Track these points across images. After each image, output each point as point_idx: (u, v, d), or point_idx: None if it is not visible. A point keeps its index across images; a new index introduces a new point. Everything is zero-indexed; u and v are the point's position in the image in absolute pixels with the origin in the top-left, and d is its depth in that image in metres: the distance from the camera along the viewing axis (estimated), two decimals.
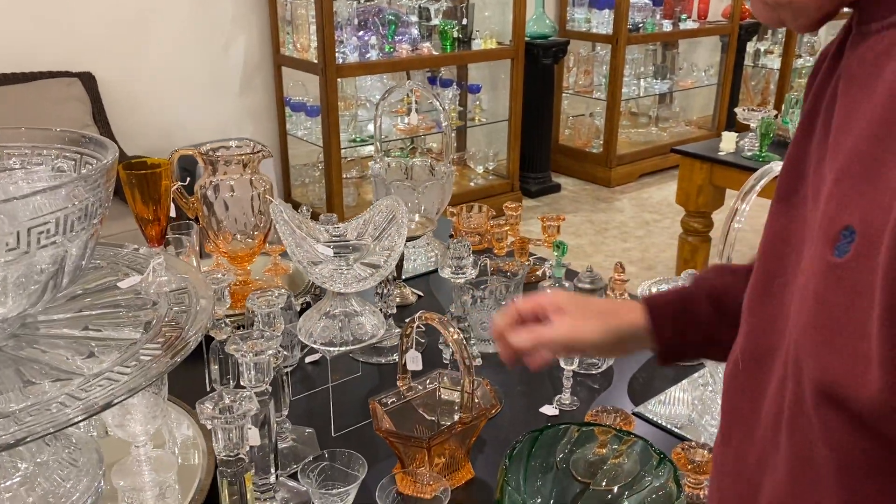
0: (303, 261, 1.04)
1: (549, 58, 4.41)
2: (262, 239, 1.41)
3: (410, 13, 3.97)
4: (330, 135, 3.59)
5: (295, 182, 4.07)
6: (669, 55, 5.27)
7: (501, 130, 4.40)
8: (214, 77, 3.62)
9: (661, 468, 0.88)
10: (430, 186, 1.62)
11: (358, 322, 1.11)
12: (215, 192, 1.33)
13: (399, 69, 3.90)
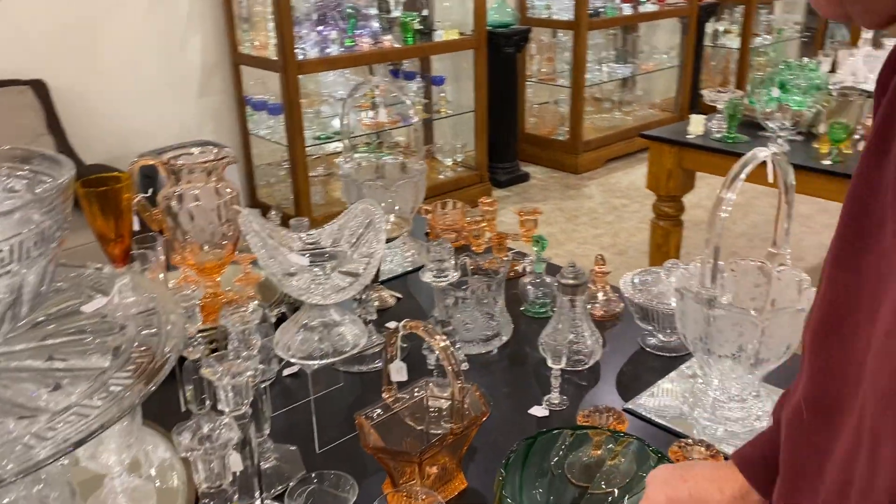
0: (277, 273, 0.99)
1: (511, 46, 4.38)
2: (232, 248, 1.35)
3: (370, 6, 3.90)
4: (294, 133, 3.52)
5: (260, 182, 3.99)
6: (630, 39, 5.27)
7: (468, 121, 4.36)
8: (171, 79, 3.52)
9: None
10: (403, 185, 1.57)
11: (338, 332, 1.07)
12: (179, 203, 1.27)
13: (361, 63, 3.84)
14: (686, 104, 5.38)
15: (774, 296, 1.17)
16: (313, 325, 1.06)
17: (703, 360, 1.16)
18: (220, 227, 1.30)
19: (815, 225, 3.94)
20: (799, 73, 2.62)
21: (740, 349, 1.09)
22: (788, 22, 6.28)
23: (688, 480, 0.79)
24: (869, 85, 2.67)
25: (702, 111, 3.82)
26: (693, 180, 2.91)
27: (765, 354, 1.09)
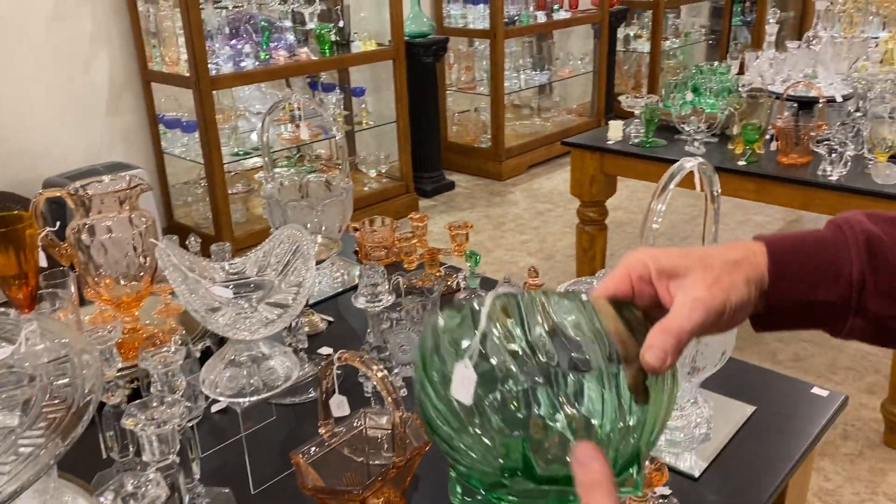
0: (199, 309, 0.93)
1: (429, 56, 4.37)
2: (150, 280, 1.28)
3: (284, 18, 3.83)
4: (210, 150, 3.41)
5: (177, 202, 3.86)
6: (546, 46, 5.34)
7: (390, 132, 4.32)
8: (78, 99, 3.37)
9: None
10: (330, 204, 1.53)
11: (268, 367, 1.02)
12: (91, 235, 1.20)
13: (278, 77, 3.76)
14: (602, 108, 5.48)
15: None
16: (241, 360, 1.01)
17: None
18: (136, 258, 1.23)
19: (731, 222, 4.07)
20: (710, 77, 2.69)
21: None
22: (695, 25, 6.49)
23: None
24: (776, 86, 2.76)
25: (617, 115, 3.89)
26: (615, 184, 2.95)
27: (701, 362, 1.10)
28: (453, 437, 0.55)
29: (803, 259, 0.61)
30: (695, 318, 0.57)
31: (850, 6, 2.74)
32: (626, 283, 0.62)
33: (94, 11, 3.36)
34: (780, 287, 0.61)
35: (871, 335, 0.62)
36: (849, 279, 0.60)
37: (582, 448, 0.50)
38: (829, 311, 0.61)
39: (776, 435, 1.16)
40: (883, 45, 2.72)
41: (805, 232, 0.63)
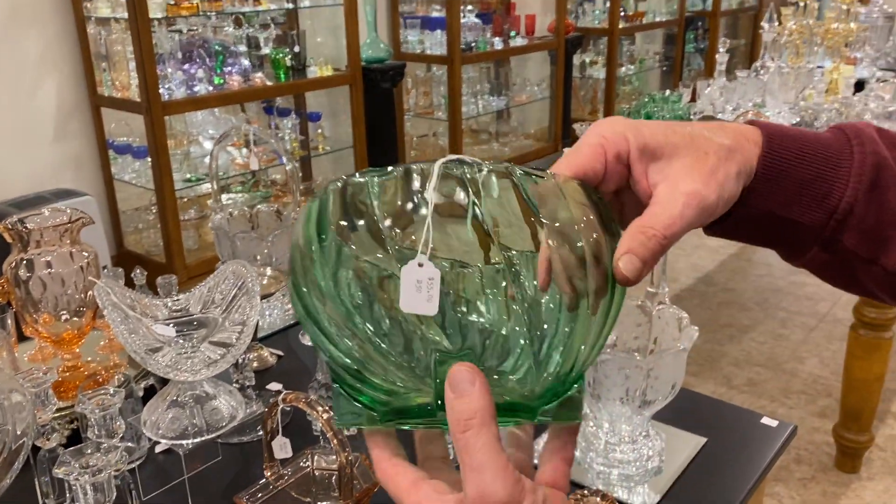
0: (139, 350, 0.90)
1: (387, 81, 4.37)
2: (92, 316, 1.24)
3: (238, 43, 3.80)
4: (162, 176, 3.35)
5: (127, 229, 3.78)
6: (503, 72, 5.39)
7: (347, 157, 4.31)
8: (24, 124, 3.29)
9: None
10: (280, 235, 1.50)
11: (212, 406, 0.99)
12: (29, 270, 1.16)
13: (232, 102, 3.72)
14: (559, 134, 5.54)
15: (656, 334, 1.18)
16: (184, 400, 0.98)
17: (593, 405, 1.16)
18: (77, 294, 1.19)
19: (687, 247, 4.12)
20: (663, 105, 2.74)
21: (627, 392, 1.09)
22: (649, 52, 6.62)
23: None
24: (726, 115, 2.82)
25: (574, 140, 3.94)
26: None
27: (651, 396, 1.10)
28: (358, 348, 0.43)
29: (796, 165, 0.50)
30: (687, 216, 0.46)
31: (796, 37, 2.82)
32: (599, 160, 0.48)
33: (42, 34, 3.29)
34: (761, 191, 0.50)
35: (828, 270, 0.54)
36: (834, 205, 0.49)
37: (457, 369, 0.41)
38: (796, 232, 0.51)
39: (728, 466, 1.16)
40: (828, 75, 2.80)
41: (809, 134, 0.52)
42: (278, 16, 4.03)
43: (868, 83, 2.85)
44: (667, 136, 0.49)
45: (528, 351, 0.42)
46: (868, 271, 0.51)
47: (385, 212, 0.42)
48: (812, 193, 0.50)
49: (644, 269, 0.45)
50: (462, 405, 0.40)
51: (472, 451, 0.39)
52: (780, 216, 0.50)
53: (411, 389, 0.43)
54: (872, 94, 2.56)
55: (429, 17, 4.77)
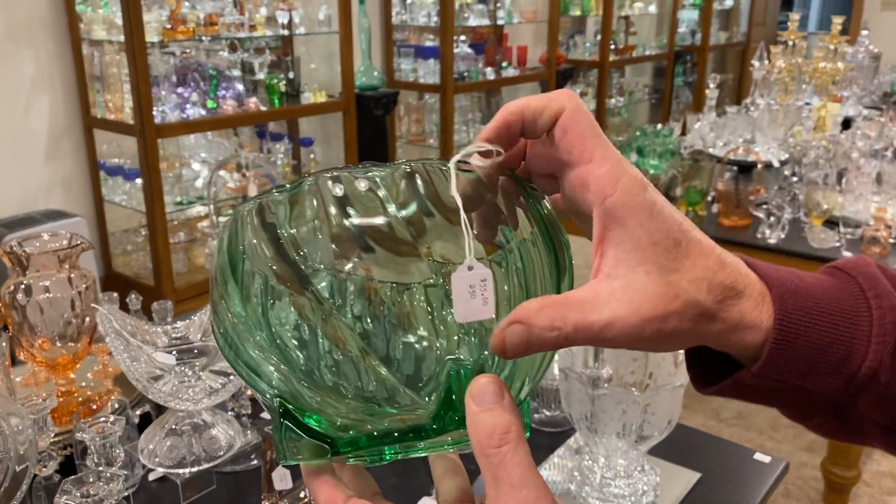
0: (141, 378, 0.90)
1: (380, 108, 4.40)
2: (88, 341, 1.24)
3: (233, 67, 3.82)
4: (153, 199, 3.35)
5: (115, 251, 3.76)
6: (494, 101, 5.44)
7: None
8: (15, 144, 3.28)
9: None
10: None
11: (210, 435, 0.98)
12: (27, 295, 1.15)
13: (225, 126, 3.73)
14: None
15: (652, 369, 1.19)
16: (182, 428, 0.98)
17: (589, 438, 1.16)
18: (75, 319, 1.18)
19: None
20: (654, 139, 2.78)
21: (624, 427, 1.10)
22: (638, 84, 6.70)
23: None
24: (717, 150, 2.86)
25: None
26: None
27: (648, 431, 1.10)
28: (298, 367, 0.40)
29: (812, 329, 0.43)
30: (605, 335, 0.39)
31: (785, 75, 2.87)
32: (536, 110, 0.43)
33: (37, 55, 3.30)
34: (775, 361, 0.43)
35: (836, 434, 0.48)
36: (853, 371, 0.43)
37: (480, 382, 0.38)
38: (809, 399, 0.45)
39: (721, 502, 1.17)
40: (816, 113, 2.85)
41: (817, 286, 0.44)
42: (273, 41, 4.06)
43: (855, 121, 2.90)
44: (653, 224, 0.40)
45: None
46: (878, 436, 0.46)
47: (295, 234, 0.39)
48: (827, 360, 0.43)
49: (526, 350, 0.39)
50: (494, 419, 0.37)
51: (510, 466, 0.37)
52: (793, 385, 0.44)
53: (370, 415, 0.41)
54: (859, 132, 2.60)
55: (422, 47, 4.82)
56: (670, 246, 0.41)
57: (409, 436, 0.42)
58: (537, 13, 5.30)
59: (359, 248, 0.39)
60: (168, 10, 3.40)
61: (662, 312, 0.40)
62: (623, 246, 0.40)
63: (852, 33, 5.46)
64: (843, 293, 0.44)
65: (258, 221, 0.40)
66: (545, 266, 0.42)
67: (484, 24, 5.08)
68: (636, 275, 0.40)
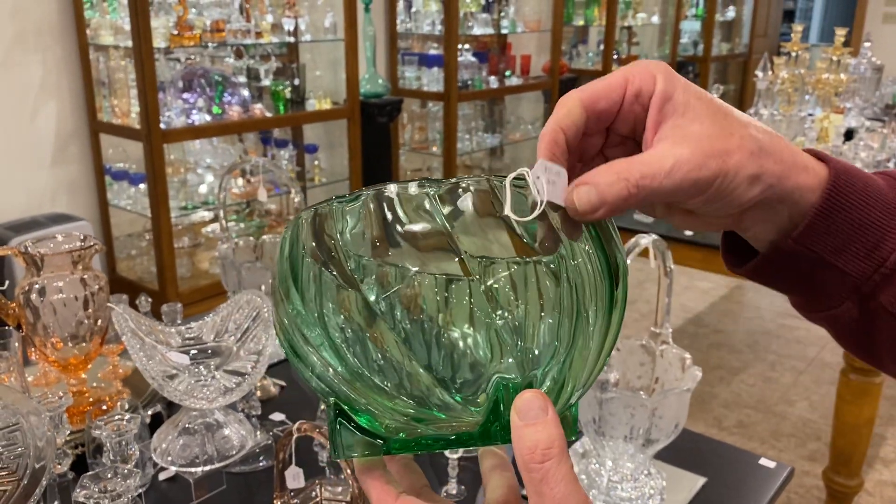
0: (157, 376, 0.91)
1: (384, 116, 4.43)
2: (100, 342, 1.25)
3: (238, 73, 3.84)
4: (158, 204, 3.36)
5: (120, 255, 3.77)
6: (497, 110, 5.46)
7: (342, 189, 4.34)
8: (22, 149, 3.30)
9: None
10: None
11: (223, 435, 0.99)
12: (40, 296, 1.16)
13: (231, 132, 3.75)
14: None
15: (659, 374, 1.20)
16: (195, 427, 0.99)
17: (597, 441, 1.17)
18: (87, 320, 1.19)
19: (677, 287, 4.16)
20: None
21: (632, 430, 1.11)
22: None
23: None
24: None
25: None
26: None
27: (655, 435, 1.11)
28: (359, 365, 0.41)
29: (857, 208, 0.45)
30: (673, 178, 0.41)
31: (788, 85, 2.89)
32: (617, 91, 0.45)
33: (44, 60, 3.32)
34: (816, 229, 0.45)
35: (848, 327, 0.49)
36: (884, 257, 0.45)
37: (525, 397, 0.39)
38: (835, 281, 0.47)
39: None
40: (818, 124, 2.86)
41: (866, 175, 0.47)
42: (279, 48, 4.09)
43: (857, 132, 2.92)
44: (699, 98, 0.44)
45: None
46: (894, 336, 0.48)
47: (345, 240, 0.41)
48: (862, 240, 0.45)
49: (599, 208, 0.41)
50: (538, 434, 0.38)
51: (553, 482, 0.37)
52: (825, 260, 0.46)
53: (418, 420, 0.42)
54: (862, 143, 2.62)
55: (426, 55, 4.84)
56: (712, 101, 0.44)
57: (456, 443, 0.43)
58: (541, 22, 5.33)
59: (403, 249, 0.40)
60: (175, 17, 3.42)
61: (721, 147, 0.42)
62: (676, 115, 0.43)
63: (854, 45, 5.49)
64: (888, 188, 0.47)
65: (313, 228, 0.42)
66: (598, 275, 0.43)
67: (487, 33, 5.11)
68: (691, 126, 0.43)
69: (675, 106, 0.44)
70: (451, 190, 0.41)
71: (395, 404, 0.41)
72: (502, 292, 0.39)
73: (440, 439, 0.43)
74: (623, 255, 0.45)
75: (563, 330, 0.40)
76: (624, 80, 0.45)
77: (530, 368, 0.41)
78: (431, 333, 0.40)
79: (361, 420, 0.43)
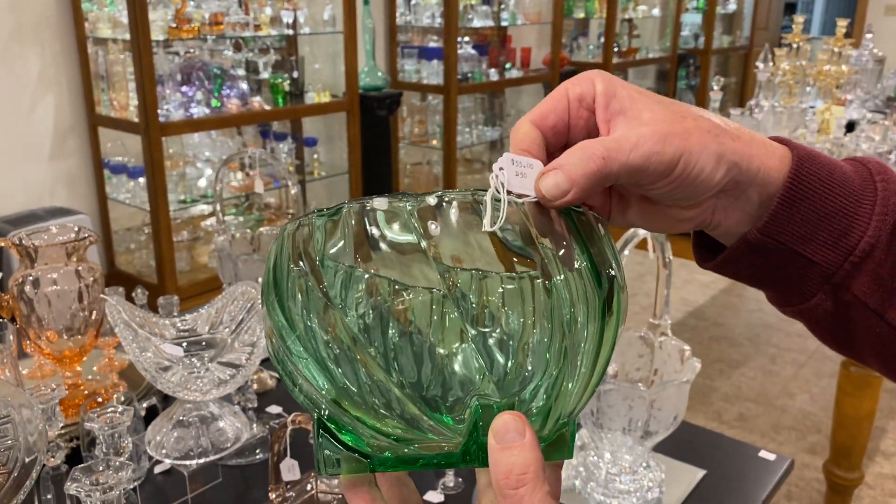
0: (150, 368, 0.90)
1: (383, 109, 4.41)
2: (94, 334, 1.24)
3: (237, 67, 3.83)
4: (157, 197, 3.35)
5: (119, 248, 3.76)
6: (498, 103, 5.44)
7: (341, 183, 4.33)
8: (20, 142, 3.29)
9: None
10: None
11: (217, 427, 0.99)
12: (35, 287, 1.16)
13: (229, 125, 3.74)
14: None
15: (658, 365, 1.19)
16: (190, 420, 0.98)
17: (595, 434, 1.16)
18: (82, 312, 1.19)
19: (677, 280, 4.15)
20: None
21: (630, 422, 1.10)
22: (642, 87, 6.70)
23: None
24: None
25: None
26: None
27: (654, 427, 1.11)
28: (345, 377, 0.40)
29: (821, 195, 0.44)
30: (640, 151, 0.41)
31: (789, 77, 2.87)
32: (561, 102, 0.46)
33: (42, 54, 3.31)
34: (780, 218, 0.45)
35: (824, 321, 0.48)
36: (853, 245, 0.44)
37: (503, 419, 0.38)
38: (804, 272, 0.46)
39: (726, 499, 1.17)
40: (819, 115, 2.85)
41: (833, 162, 0.46)
42: (277, 41, 4.07)
43: (859, 124, 2.91)
44: (641, 92, 0.44)
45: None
46: (870, 327, 0.46)
47: (327, 253, 0.40)
48: (829, 229, 0.44)
49: (568, 190, 0.40)
50: (513, 457, 0.37)
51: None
52: (793, 250, 0.45)
53: (411, 435, 0.41)
54: (863, 134, 2.61)
55: (426, 48, 4.82)
56: (663, 99, 0.45)
57: (440, 463, 0.42)
58: (541, 15, 5.31)
59: (387, 262, 0.39)
60: (173, 9, 3.41)
61: (679, 128, 0.43)
62: (623, 109, 0.44)
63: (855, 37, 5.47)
64: (854, 174, 0.46)
65: (296, 241, 0.41)
66: (589, 287, 0.41)
67: (487, 26, 5.09)
68: (643, 115, 0.43)
69: (621, 101, 0.44)
70: (436, 205, 0.41)
71: (384, 424, 0.40)
72: (494, 307, 0.38)
73: (424, 458, 0.42)
74: (618, 267, 0.43)
75: (554, 347, 0.39)
76: (564, 90, 0.46)
77: (516, 388, 0.39)
78: (422, 348, 0.39)
79: (346, 438, 0.42)
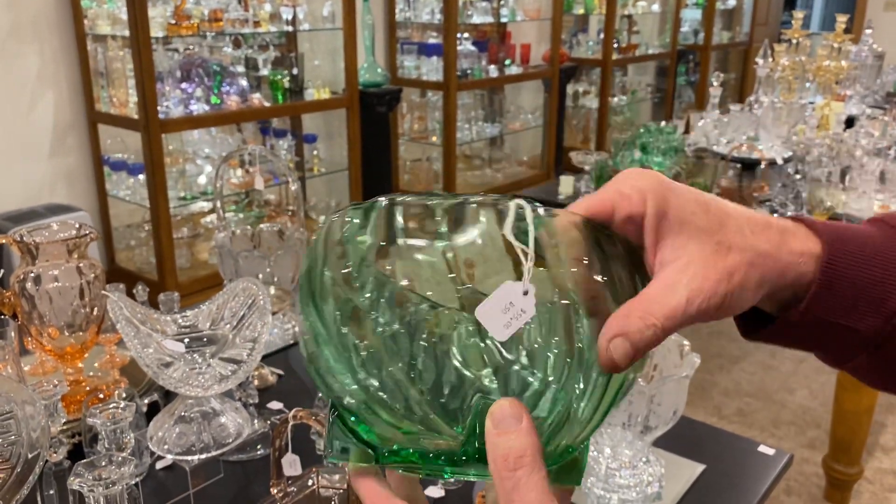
0: (151, 364, 0.91)
1: (383, 106, 4.41)
2: (96, 330, 1.24)
3: (237, 63, 3.82)
4: (157, 194, 3.36)
5: (119, 245, 3.77)
6: (497, 99, 5.44)
7: (341, 179, 4.33)
8: (20, 140, 3.29)
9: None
10: (283, 255, 1.51)
11: (219, 423, 0.99)
12: (36, 284, 1.16)
13: (229, 122, 3.74)
14: (552, 162, 5.59)
15: (657, 360, 1.20)
16: (191, 415, 0.99)
17: None
18: (83, 308, 1.19)
19: None
20: (658, 136, 2.78)
21: (630, 417, 1.10)
22: (641, 83, 6.70)
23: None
24: (720, 147, 2.86)
25: (567, 169, 3.98)
26: None
27: (653, 422, 1.11)
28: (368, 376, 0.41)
29: (856, 272, 0.47)
30: (689, 313, 0.42)
31: (789, 73, 2.87)
32: (608, 212, 0.45)
33: (41, 51, 3.31)
34: (820, 299, 0.46)
35: (873, 374, 0.51)
36: (892, 311, 0.46)
37: (500, 405, 0.38)
38: (849, 339, 0.48)
39: (725, 493, 1.17)
40: (819, 111, 2.85)
41: (860, 233, 0.48)
42: (277, 38, 4.07)
43: (858, 120, 2.91)
44: (694, 214, 0.44)
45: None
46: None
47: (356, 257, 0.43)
48: (868, 298, 0.46)
49: (635, 357, 0.41)
50: (510, 442, 0.37)
51: (524, 491, 0.37)
52: (835, 323, 0.47)
53: (423, 434, 0.42)
54: (863, 130, 2.61)
55: (426, 44, 4.82)
56: (706, 212, 0.45)
57: (443, 460, 0.42)
58: (541, 11, 5.31)
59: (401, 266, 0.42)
60: (172, 6, 3.40)
61: (723, 266, 0.43)
62: (672, 234, 0.44)
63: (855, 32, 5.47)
64: (885, 240, 0.48)
65: (330, 244, 0.44)
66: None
67: (487, 22, 5.08)
68: (689, 246, 0.44)
69: (671, 225, 0.44)
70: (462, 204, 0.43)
71: (402, 424, 0.41)
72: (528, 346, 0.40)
73: (431, 456, 0.43)
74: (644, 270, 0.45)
75: (561, 364, 0.40)
76: (610, 203, 0.46)
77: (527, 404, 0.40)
78: (444, 361, 0.40)
79: (360, 429, 0.43)
